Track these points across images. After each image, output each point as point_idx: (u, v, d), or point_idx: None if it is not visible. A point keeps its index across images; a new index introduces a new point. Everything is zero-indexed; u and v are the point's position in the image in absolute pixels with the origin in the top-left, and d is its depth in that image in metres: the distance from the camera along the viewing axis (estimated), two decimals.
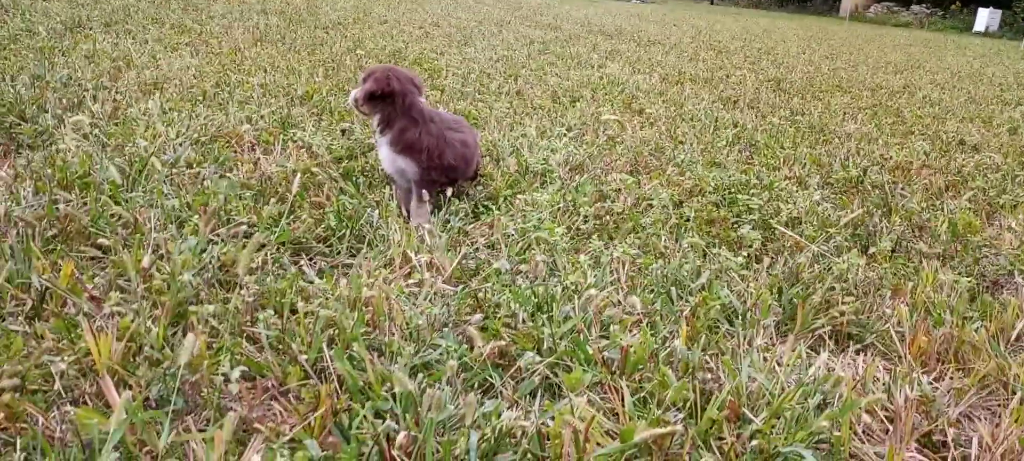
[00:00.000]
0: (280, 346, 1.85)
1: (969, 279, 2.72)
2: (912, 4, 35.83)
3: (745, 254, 2.76)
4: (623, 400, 1.76)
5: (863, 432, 1.86)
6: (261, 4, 11.54)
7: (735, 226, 3.17)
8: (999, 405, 2.02)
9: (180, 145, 3.44)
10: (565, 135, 4.58)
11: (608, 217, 3.08)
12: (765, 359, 2.05)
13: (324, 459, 1.39)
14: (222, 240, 2.44)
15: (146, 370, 1.67)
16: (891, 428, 1.86)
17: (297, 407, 1.65)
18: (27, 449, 1.44)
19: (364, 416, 1.55)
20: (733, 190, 3.61)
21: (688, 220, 3.16)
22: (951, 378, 2.11)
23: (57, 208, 2.46)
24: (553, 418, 1.58)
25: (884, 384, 1.99)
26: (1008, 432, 1.80)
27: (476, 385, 1.83)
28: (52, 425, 1.54)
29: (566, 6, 21.58)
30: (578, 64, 8.35)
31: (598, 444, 1.58)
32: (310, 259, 2.58)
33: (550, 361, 1.90)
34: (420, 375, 1.78)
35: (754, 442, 1.68)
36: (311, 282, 2.18)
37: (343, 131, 4.08)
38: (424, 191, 2.90)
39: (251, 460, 1.34)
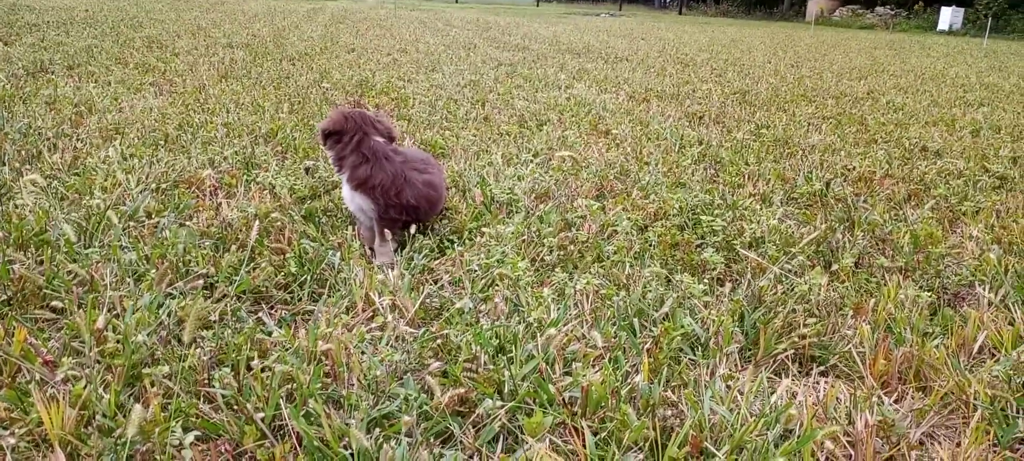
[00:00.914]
0: (236, 405, 1.83)
1: (930, 293, 2.75)
2: (876, 6, 36.39)
3: (707, 279, 2.77)
4: (584, 442, 1.75)
5: (826, 460, 1.87)
6: (227, 38, 11.51)
7: (699, 249, 3.18)
8: (962, 423, 2.04)
9: (140, 193, 3.41)
10: (531, 161, 4.59)
11: (572, 247, 3.09)
12: (728, 388, 2.05)
13: None
14: (180, 293, 2.42)
15: (97, 439, 1.64)
16: (853, 454, 1.86)
17: None
18: None
19: None
20: (697, 211, 3.63)
21: (652, 245, 3.17)
22: (912, 398, 2.12)
23: (12, 269, 2.42)
24: None
25: (846, 408, 2.00)
26: (968, 453, 1.81)
27: (435, 436, 1.82)
28: None
29: (535, 24, 21.70)
30: (545, 85, 8.39)
31: None
32: (271, 308, 2.55)
33: (511, 406, 1.89)
34: (377, 429, 1.76)
35: None
36: (269, 333, 2.16)
37: (307, 169, 4.06)
38: (385, 230, 2.90)
39: None
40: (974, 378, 2.12)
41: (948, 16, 31.22)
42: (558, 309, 2.44)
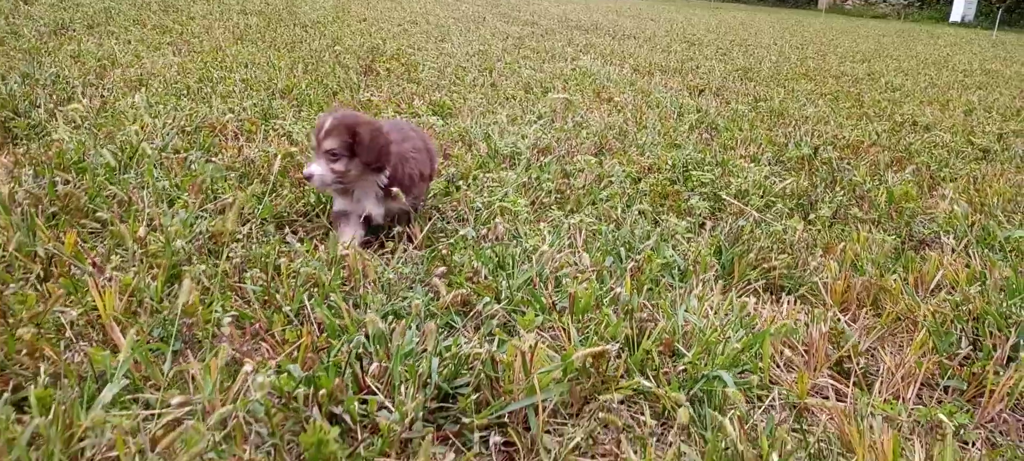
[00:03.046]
0: (265, 298, 2.08)
1: (896, 238, 2.99)
2: None
3: (691, 221, 3.01)
4: (570, 338, 1.99)
5: (784, 364, 2.11)
6: (240, 4, 11.71)
7: (688, 199, 3.42)
8: (907, 338, 2.28)
9: (167, 134, 3.65)
10: (535, 122, 4.82)
11: (569, 192, 3.32)
12: (700, 303, 2.29)
13: (305, 379, 1.62)
14: (210, 214, 2.66)
15: (147, 318, 1.90)
16: (806, 357, 2.11)
17: (281, 346, 1.88)
18: (51, 374, 1.65)
19: (340, 349, 1.79)
20: (689, 167, 3.86)
21: (643, 194, 3.40)
22: (865, 319, 2.36)
23: (57, 188, 2.67)
24: (505, 350, 1.81)
25: (804, 322, 2.24)
26: (909, 358, 2.05)
27: (441, 327, 2.07)
28: (69, 362, 1.76)
29: (545, 3, 21.82)
30: (552, 57, 8.59)
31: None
32: (293, 231, 2.80)
33: (507, 307, 2.14)
34: (390, 317, 2.01)
35: (682, 369, 1.92)
36: (292, 248, 2.40)
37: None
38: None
39: (246, 372, 1.56)
40: (923, 303, 2.36)
41: (961, 7, 31.21)
42: (552, 239, 2.68)
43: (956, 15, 31.44)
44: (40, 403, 1.49)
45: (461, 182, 3.38)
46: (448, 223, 2.96)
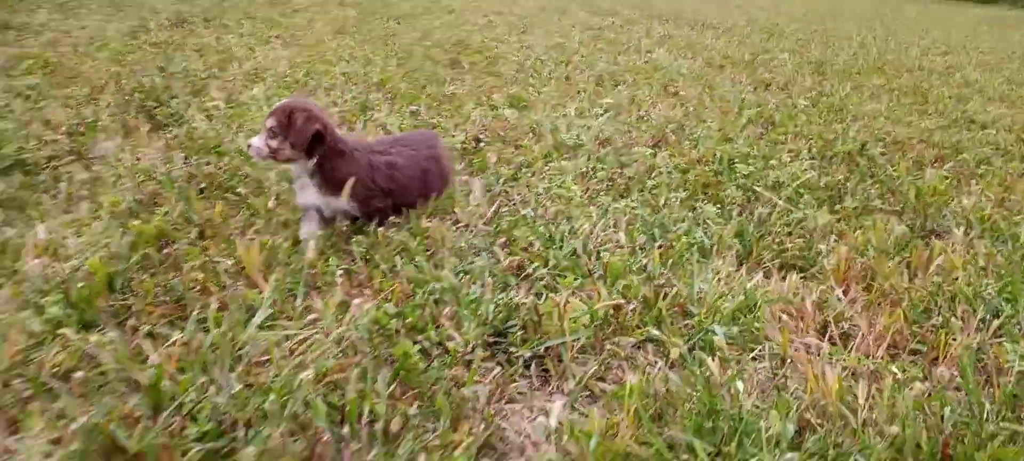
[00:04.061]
0: (366, 257, 2.70)
1: (908, 229, 3.38)
2: None
3: (718, 207, 3.48)
4: (599, 296, 2.53)
5: (779, 327, 2.58)
6: None
7: (726, 189, 3.87)
8: (889, 309, 2.71)
9: None
10: (600, 115, 5.33)
11: (620, 180, 3.84)
12: (715, 277, 2.78)
13: (397, 314, 2.22)
14: None
15: (281, 269, 2.54)
16: (800, 322, 2.58)
17: (378, 293, 2.49)
18: (218, 306, 2.30)
19: (422, 295, 2.38)
20: (735, 160, 4.30)
21: (688, 183, 3.88)
22: (857, 293, 2.80)
23: (204, 168, 3.37)
24: (545, 301, 2.37)
25: (801, 295, 2.71)
26: (881, 322, 2.51)
27: (499, 285, 2.63)
28: (228, 297, 2.41)
29: None
30: (627, 50, 9.03)
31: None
32: None
33: (553, 272, 2.69)
34: (461, 275, 2.59)
35: (690, 325, 2.44)
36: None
37: (412, 113, 4.92)
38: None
39: (354, 305, 2.18)
40: (909, 283, 2.79)
41: None
42: (598, 220, 3.21)
43: None
44: (215, 322, 2.14)
45: (526, 169, 3.94)
46: (513, 205, 3.52)
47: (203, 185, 3.30)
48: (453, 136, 4.41)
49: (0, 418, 1.83)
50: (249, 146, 2.87)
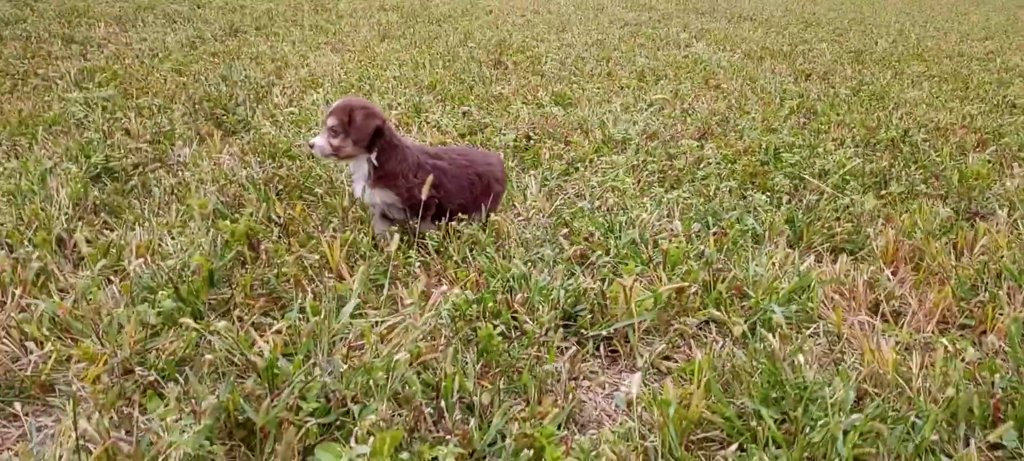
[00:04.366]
0: (440, 250, 2.89)
1: (952, 211, 3.49)
2: None
3: (767, 195, 3.62)
4: (661, 281, 2.69)
5: (832, 306, 2.72)
6: (379, 1, 12.82)
7: (774, 178, 4.00)
8: (938, 287, 2.82)
9: None
10: (646, 109, 5.47)
11: (670, 171, 3.99)
12: (769, 260, 2.93)
13: (476, 300, 2.41)
14: None
15: (364, 264, 2.74)
16: (851, 301, 2.72)
17: (453, 284, 2.68)
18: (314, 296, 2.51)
19: (496, 283, 2.57)
20: (780, 150, 4.42)
21: (736, 173, 4.02)
22: (905, 273, 2.93)
23: (279, 173, 3.59)
24: (611, 285, 2.54)
25: (852, 275, 2.84)
26: (930, 297, 2.63)
27: (564, 273, 2.81)
28: (318, 289, 2.62)
29: None
30: (667, 44, 9.14)
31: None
32: None
33: (615, 260, 2.86)
34: (528, 264, 2.77)
35: (747, 306, 2.59)
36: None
37: (464, 113, 5.12)
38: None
39: (435, 293, 2.37)
40: (954, 262, 2.91)
41: None
42: (654, 210, 3.37)
43: None
44: (313, 311, 2.35)
45: (578, 163, 4.11)
46: (569, 198, 3.69)
47: (280, 187, 3.52)
48: (504, 134, 4.59)
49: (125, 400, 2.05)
50: (312, 145, 2.94)
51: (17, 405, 1.97)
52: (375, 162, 2.92)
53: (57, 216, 3.02)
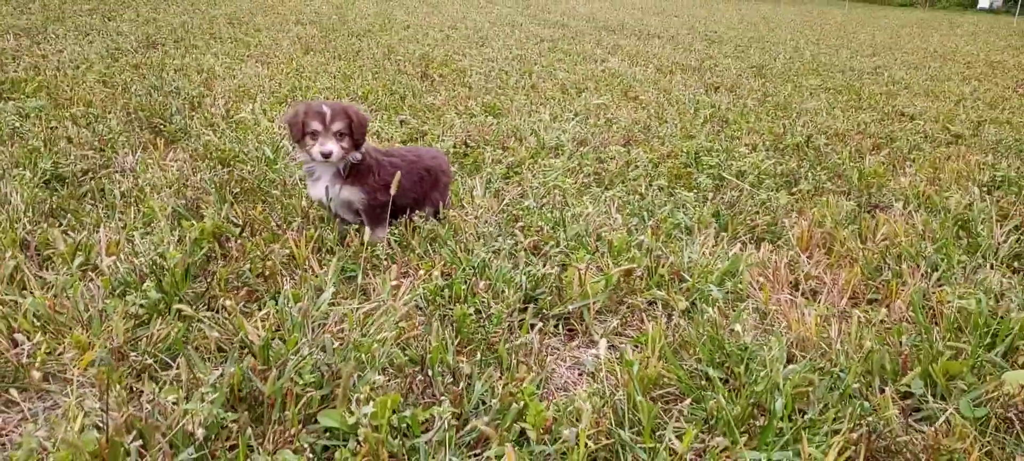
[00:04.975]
0: (402, 244, 3.08)
1: (854, 204, 3.91)
2: None
3: (694, 193, 3.96)
4: (609, 266, 2.96)
5: (758, 286, 3.05)
6: (295, 16, 12.80)
7: (697, 178, 4.35)
8: (848, 268, 3.20)
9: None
10: (573, 119, 5.78)
11: (604, 174, 4.29)
12: (700, 247, 3.24)
13: (445, 285, 2.61)
14: None
15: (334, 257, 2.90)
16: (771, 279, 3.05)
17: (416, 273, 2.87)
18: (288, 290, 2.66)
19: (460, 271, 2.78)
20: (699, 154, 4.80)
21: (661, 175, 4.35)
22: (818, 257, 3.30)
23: (237, 174, 3.69)
24: (567, 271, 2.79)
25: (773, 260, 3.18)
26: (841, 275, 3.00)
27: (524, 261, 3.05)
28: (294, 280, 2.76)
29: (572, 1, 22.73)
30: (583, 59, 9.54)
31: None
32: None
33: (565, 249, 3.11)
34: (488, 255, 2.99)
35: (685, 287, 2.89)
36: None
37: (401, 121, 5.30)
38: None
39: (405, 283, 2.56)
40: (860, 246, 3.30)
41: None
42: (594, 207, 3.64)
43: (984, 1, 31.76)
44: (294, 298, 2.50)
45: (517, 167, 4.36)
46: (514, 197, 3.93)
47: (236, 190, 3.62)
48: (443, 141, 4.80)
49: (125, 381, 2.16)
50: (327, 154, 2.91)
51: (14, 392, 2.06)
52: (355, 160, 3.04)
53: (18, 219, 3.05)
